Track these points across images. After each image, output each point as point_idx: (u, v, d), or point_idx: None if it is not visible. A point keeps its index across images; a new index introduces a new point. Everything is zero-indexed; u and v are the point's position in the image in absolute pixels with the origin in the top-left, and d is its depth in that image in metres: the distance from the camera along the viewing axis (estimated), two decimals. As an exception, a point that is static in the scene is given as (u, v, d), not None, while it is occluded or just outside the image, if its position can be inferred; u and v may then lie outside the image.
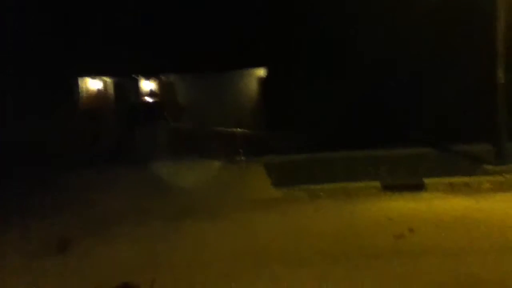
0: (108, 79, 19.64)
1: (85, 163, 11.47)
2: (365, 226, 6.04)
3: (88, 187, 9.20)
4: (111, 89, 19.91)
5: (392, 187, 7.85)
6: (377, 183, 8.04)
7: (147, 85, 19.54)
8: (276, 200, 7.70)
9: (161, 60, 17.46)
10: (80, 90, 18.53)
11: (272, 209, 7.12)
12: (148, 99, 18.80)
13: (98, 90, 19.63)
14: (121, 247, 5.68)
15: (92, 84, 19.55)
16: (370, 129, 12.47)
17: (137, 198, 8.20)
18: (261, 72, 19.09)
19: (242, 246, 5.52)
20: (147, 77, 19.33)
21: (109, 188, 9.08)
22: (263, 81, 19.24)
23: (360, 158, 10.11)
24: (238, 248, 5.47)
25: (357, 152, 10.78)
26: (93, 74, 18.78)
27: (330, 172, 8.96)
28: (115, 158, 12.20)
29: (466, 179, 8.05)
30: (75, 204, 8.02)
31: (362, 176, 8.51)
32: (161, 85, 19.64)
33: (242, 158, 10.98)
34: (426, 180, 7.98)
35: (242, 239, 5.79)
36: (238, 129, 15.12)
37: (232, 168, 10.45)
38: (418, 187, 7.83)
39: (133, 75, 19.05)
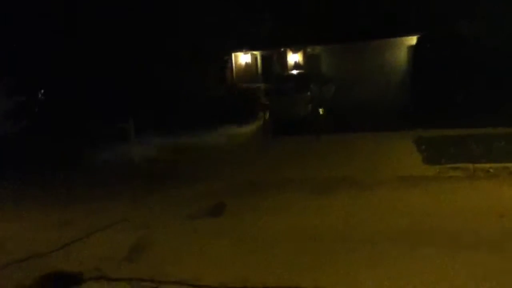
0: (257, 53, 20.69)
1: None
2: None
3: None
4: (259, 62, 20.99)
5: None
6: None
7: (293, 57, 20.04)
8: (428, 178, 7.27)
9: (307, 32, 17.72)
10: (232, 64, 20.00)
11: (424, 188, 6.74)
12: (293, 71, 19.26)
13: (247, 63, 20.86)
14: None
15: (243, 58, 20.86)
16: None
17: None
18: (411, 40, 17.97)
19: (392, 226, 5.29)
20: (294, 49, 19.81)
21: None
22: (413, 50, 18.09)
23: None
24: (386, 228, 5.23)
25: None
26: (244, 49, 19.99)
27: (490, 150, 8.11)
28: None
29: None
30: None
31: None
32: (306, 57, 19.96)
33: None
34: None
35: (391, 219, 5.51)
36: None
37: (382, 141, 10.30)
38: None
39: (281, 48, 19.71)
